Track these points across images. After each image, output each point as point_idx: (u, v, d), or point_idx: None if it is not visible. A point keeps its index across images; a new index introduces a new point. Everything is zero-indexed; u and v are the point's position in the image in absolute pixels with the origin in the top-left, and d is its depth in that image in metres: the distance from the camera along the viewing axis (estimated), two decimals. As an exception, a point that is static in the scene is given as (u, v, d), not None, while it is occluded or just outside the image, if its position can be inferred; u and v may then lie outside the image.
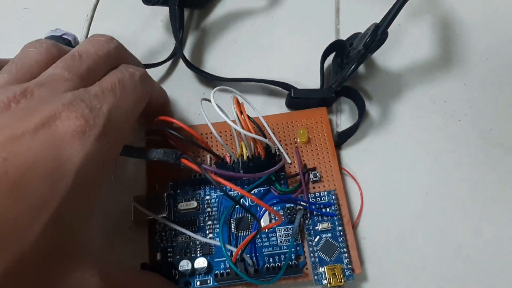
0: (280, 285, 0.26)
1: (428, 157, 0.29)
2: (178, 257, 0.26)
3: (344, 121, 0.31)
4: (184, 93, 0.31)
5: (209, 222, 0.27)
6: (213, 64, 0.33)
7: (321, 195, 0.27)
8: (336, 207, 0.27)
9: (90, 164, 0.18)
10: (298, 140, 0.29)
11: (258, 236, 0.26)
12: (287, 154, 0.28)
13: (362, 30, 0.28)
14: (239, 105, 0.25)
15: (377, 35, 0.26)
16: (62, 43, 0.27)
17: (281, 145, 0.28)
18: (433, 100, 0.31)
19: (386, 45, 0.27)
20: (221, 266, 0.26)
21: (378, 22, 0.27)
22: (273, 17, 0.34)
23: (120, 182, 0.25)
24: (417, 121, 0.30)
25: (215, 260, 0.26)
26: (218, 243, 0.25)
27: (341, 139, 0.30)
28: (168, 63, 0.33)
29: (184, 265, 0.25)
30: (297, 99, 0.29)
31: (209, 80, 0.31)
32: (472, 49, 0.32)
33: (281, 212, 0.27)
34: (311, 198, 0.27)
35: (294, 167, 0.28)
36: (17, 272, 0.15)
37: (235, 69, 0.32)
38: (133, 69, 0.23)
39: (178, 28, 0.32)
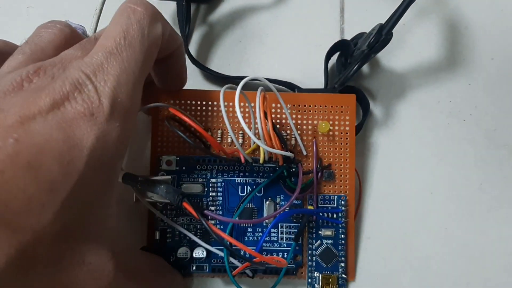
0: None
1: (432, 157, 0.29)
2: (177, 239, 0.26)
3: (348, 121, 0.30)
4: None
5: (212, 208, 0.26)
6: (218, 62, 0.33)
7: (331, 198, 0.27)
8: (343, 213, 0.26)
9: (101, 146, 0.17)
10: (318, 130, 0.27)
11: (259, 229, 0.26)
12: (304, 144, 0.27)
13: (367, 29, 0.28)
14: (264, 106, 0.23)
15: (382, 35, 0.26)
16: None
17: (298, 135, 0.26)
18: (437, 100, 0.31)
19: (390, 44, 0.27)
20: (219, 256, 0.26)
21: (383, 22, 0.27)
22: (277, 16, 0.34)
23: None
24: (421, 121, 0.30)
25: (215, 247, 0.26)
26: (221, 253, 0.25)
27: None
28: None
29: (183, 252, 0.25)
30: None
31: (214, 77, 0.32)
32: (477, 49, 0.32)
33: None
34: (320, 199, 0.27)
35: (309, 159, 0.27)
36: (32, 252, 0.15)
37: (239, 68, 0.32)
38: (139, 6, 0.20)
39: (184, 23, 0.32)
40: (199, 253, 0.25)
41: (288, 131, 0.27)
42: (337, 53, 0.31)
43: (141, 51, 0.19)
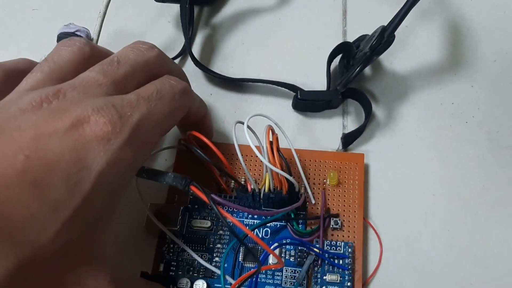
0: None
1: (435, 159, 0.29)
2: (180, 272, 0.26)
3: (350, 122, 0.31)
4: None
5: (218, 245, 0.26)
6: (221, 64, 0.33)
7: (338, 244, 0.26)
8: (350, 260, 0.26)
9: (110, 171, 0.18)
10: (327, 182, 0.28)
11: (262, 272, 0.26)
12: (313, 194, 0.27)
13: (369, 31, 0.28)
14: (271, 136, 0.24)
15: (384, 37, 0.26)
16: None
17: (308, 184, 0.27)
18: (440, 101, 0.31)
19: (393, 46, 0.27)
20: None
21: (385, 24, 0.26)
22: (280, 18, 0.34)
23: (139, 189, 0.26)
24: (424, 123, 0.30)
25: (216, 285, 0.25)
26: (219, 272, 0.24)
27: (348, 140, 0.29)
28: (177, 61, 0.33)
29: (183, 283, 0.25)
30: (304, 100, 0.29)
31: (217, 79, 0.31)
32: (480, 51, 0.32)
33: (292, 252, 0.26)
34: (326, 245, 0.26)
35: (317, 208, 0.27)
36: (30, 269, 0.16)
37: (242, 70, 0.32)
38: (175, 81, 0.22)
39: (188, 25, 0.32)
40: (199, 285, 0.25)
41: (298, 182, 0.27)
42: (340, 55, 0.31)
43: (169, 106, 0.21)
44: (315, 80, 0.32)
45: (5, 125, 0.17)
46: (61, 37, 0.28)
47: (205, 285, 0.25)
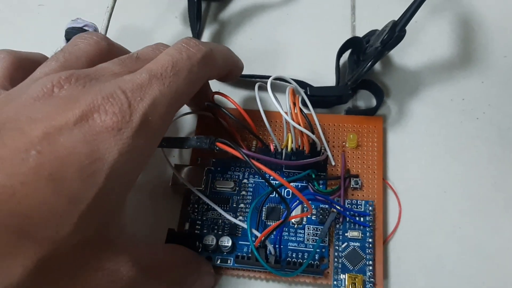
0: (297, 282, 0.27)
1: (446, 155, 0.30)
2: (205, 231, 0.27)
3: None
4: None
5: (242, 205, 0.28)
6: None
7: (358, 203, 0.28)
8: (371, 218, 0.27)
9: (123, 161, 0.18)
10: (346, 145, 0.30)
11: (285, 229, 0.27)
12: (333, 156, 0.29)
13: (378, 27, 0.29)
14: (294, 96, 0.26)
15: (395, 32, 0.27)
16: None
17: (328, 146, 0.28)
18: (450, 98, 0.32)
19: (403, 42, 0.28)
20: (244, 250, 0.27)
21: (395, 19, 0.28)
22: (288, 13, 0.36)
23: (165, 150, 0.27)
24: (434, 119, 0.31)
25: (240, 242, 0.27)
26: (245, 225, 0.26)
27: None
28: None
29: (209, 240, 0.26)
30: (313, 97, 0.30)
31: None
32: (491, 47, 0.34)
33: (314, 211, 0.27)
34: (347, 204, 0.28)
35: (337, 170, 0.29)
36: (50, 264, 0.16)
37: (250, 66, 0.33)
38: (194, 47, 0.22)
39: (195, 21, 0.34)
40: (225, 241, 0.26)
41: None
42: (349, 51, 0.32)
43: (184, 83, 0.21)
44: (324, 76, 0.33)
45: (16, 117, 0.17)
46: (69, 31, 0.28)
47: (230, 241, 0.26)
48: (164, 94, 0.20)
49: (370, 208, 0.27)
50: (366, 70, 0.28)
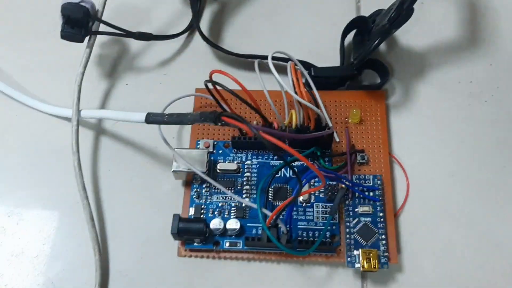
0: (309, 261, 0.26)
1: (453, 139, 0.30)
2: (210, 215, 0.27)
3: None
4: (199, 70, 0.32)
5: (247, 187, 0.28)
6: (229, 41, 0.34)
7: (366, 178, 0.28)
8: (380, 192, 0.27)
9: None
10: (349, 120, 0.29)
11: (294, 209, 0.26)
12: (336, 132, 0.29)
13: (383, 7, 0.29)
14: (296, 72, 0.25)
15: (403, 10, 0.27)
16: (80, 11, 0.27)
17: (331, 123, 0.28)
18: (458, 80, 0.31)
19: (409, 23, 0.27)
20: (253, 232, 0.26)
21: None
22: None
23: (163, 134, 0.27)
24: (441, 102, 0.31)
25: (248, 224, 0.26)
26: (255, 205, 0.25)
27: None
28: (184, 37, 0.34)
29: (216, 223, 0.26)
30: (317, 77, 0.30)
31: (226, 56, 0.32)
32: (498, 29, 0.33)
33: (321, 189, 0.27)
34: (355, 179, 0.27)
35: (342, 146, 0.29)
36: None
37: (252, 47, 0.33)
38: None
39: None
40: (232, 224, 0.26)
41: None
42: (353, 31, 0.32)
43: None
44: (327, 56, 0.32)
45: None
46: (65, 7, 0.28)
47: (238, 224, 0.26)
48: None
49: (379, 182, 0.27)
50: (373, 48, 0.28)
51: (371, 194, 0.27)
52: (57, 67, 0.33)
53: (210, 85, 0.26)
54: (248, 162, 0.28)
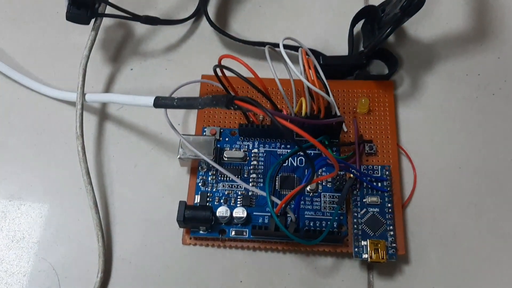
0: (315, 251, 0.26)
1: (460, 131, 0.29)
2: (216, 203, 0.27)
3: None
4: (205, 56, 0.32)
5: (254, 175, 0.27)
6: (236, 27, 0.33)
7: (374, 168, 0.27)
8: (388, 183, 0.27)
9: None
10: (357, 110, 0.29)
11: (301, 198, 0.26)
12: (344, 122, 0.28)
13: None
14: (307, 58, 0.25)
15: None
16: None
17: (339, 112, 0.28)
18: (465, 72, 0.31)
19: (417, 14, 0.27)
20: (260, 221, 0.26)
21: None
22: None
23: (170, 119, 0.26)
24: (449, 94, 0.31)
25: (254, 213, 0.26)
26: (264, 193, 0.25)
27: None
28: (190, 22, 0.33)
29: (223, 211, 0.25)
30: (326, 66, 0.29)
31: (232, 42, 0.32)
32: (507, 22, 0.33)
33: (329, 178, 0.27)
34: (363, 169, 0.27)
35: (350, 136, 0.28)
36: None
37: (259, 33, 0.33)
38: None
39: None
40: (239, 212, 0.25)
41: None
42: (362, 21, 0.32)
43: None
44: (336, 45, 0.32)
45: None
46: None
47: (245, 212, 0.25)
48: None
49: (387, 172, 0.27)
50: (385, 36, 0.28)
51: (379, 184, 0.27)
52: (62, 50, 0.32)
53: (218, 71, 0.26)
54: (255, 150, 0.28)
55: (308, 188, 0.26)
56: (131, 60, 0.32)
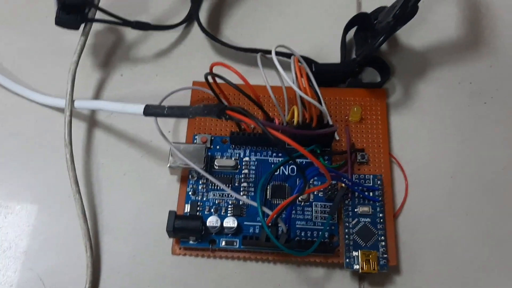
0: (306, 262, 0.26)
1: (453, 139, 0.29)
2: (207, 212, 0.26)
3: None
4: (196, 62, 0.31)
5: (245, 184, 0.27)
6: (229, 33, 0.33)
7: (366, 177, 0.27)
8: (380, 192, 0.27)
9: None
10: (349, 118, 0.29)
11: (292, 208, 0.26)
12: (336, 131, 0.28)
13: (384, 3, 0.29)
14: (299, 66, 0.25)
15: (408, 7, 0.27)
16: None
17: (331, 121, 0.27)
18: (458, 80, 0.31)
19: (410, 22, 0.27)
20: (250, 231, 0.26)
21: None
22: None
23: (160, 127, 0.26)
24: (442, 102, 0.31)
25: (245, 223, 0.26)
26: (255, 203, 0.24)
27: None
28: (182, 27, 0.33)
29: (213, 221, 0.25)
30: (318, 74, 0.29)
31: (225, 49, 0.31)
32: (499, 30, 0.33)
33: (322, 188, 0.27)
34: (355, 179, 0.27)
35: (342, 144, 0.28)
36: None
37: (252, 40, 0.32)
38: None
39: None
40: (230, 222, 0.25)
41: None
42: (354, 28, 0.32)
43: None
44: (328, 52, 0.32)
45: None
46: None
47: (235, 222, 0.25)
48: None
49: (379, 182, 0.27)
50: (378, 45, 0.28)
51: (371, 194, 0.27)
52: (51, 55, 0.32)
53: (210, 79, 0.25)
54: (246, 158, 0.28)
55: (299, 197, 0.26)
56: (121, 65, 0.32)
